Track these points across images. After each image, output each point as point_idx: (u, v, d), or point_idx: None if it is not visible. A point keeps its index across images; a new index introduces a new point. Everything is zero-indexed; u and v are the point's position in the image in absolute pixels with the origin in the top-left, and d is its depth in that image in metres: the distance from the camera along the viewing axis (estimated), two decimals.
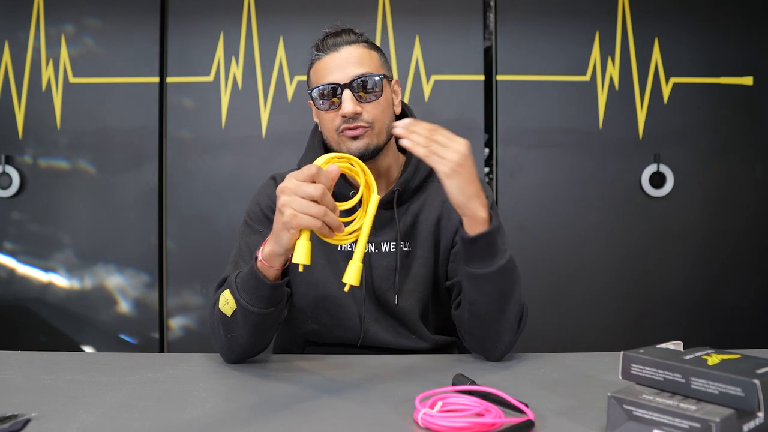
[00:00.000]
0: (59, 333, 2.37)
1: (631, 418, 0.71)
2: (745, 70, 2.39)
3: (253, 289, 1.00)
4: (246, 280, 1.01)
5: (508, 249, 1.08)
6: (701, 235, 2.41)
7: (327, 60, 1.17)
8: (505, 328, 1.08)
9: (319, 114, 1.21)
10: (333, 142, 1.20)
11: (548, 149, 2.40)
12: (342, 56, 1.17)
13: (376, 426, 0.80)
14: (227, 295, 1.03)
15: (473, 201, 1.02)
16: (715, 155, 2.40)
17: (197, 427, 0.80)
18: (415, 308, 1.21)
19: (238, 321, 1.02)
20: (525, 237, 2.37)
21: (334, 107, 1.16)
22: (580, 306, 2.39)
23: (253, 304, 1.00)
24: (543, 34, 2.40)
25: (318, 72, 1.19)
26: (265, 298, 1.00)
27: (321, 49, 1.19)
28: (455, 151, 1.00)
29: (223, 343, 1.07)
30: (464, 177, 1.00)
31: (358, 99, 1.15)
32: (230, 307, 1.02)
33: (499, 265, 1.04)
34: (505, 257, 1.05)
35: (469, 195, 1.02)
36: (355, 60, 1.16)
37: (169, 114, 2.38)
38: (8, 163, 2.35)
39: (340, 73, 1.15)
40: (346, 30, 1.21)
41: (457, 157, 0.99)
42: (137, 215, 2.37)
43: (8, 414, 0.78)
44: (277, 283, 1.00)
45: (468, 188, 1.01)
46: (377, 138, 1.18)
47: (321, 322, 1.22)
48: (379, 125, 1.18)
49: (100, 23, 2.37)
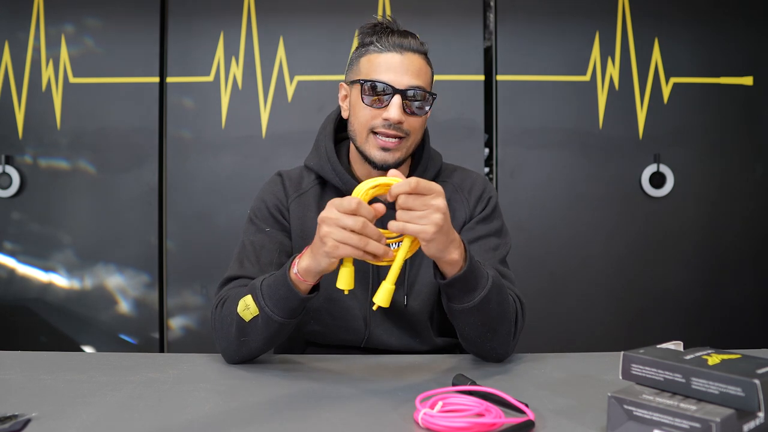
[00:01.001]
0: (59, 333, 2.37)
1: (632, 418, 0.71)
2: (745, 70, 2.39)
3: (282, 300, 0.99)
4: (275, 289, 1.00)
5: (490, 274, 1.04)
6: (701, 235, 2.41)
7: (388, 57, 1.15)
8: (498, 344, 1.09)
9: (356, 103, 1.18)
10: (359, 136, 1.18)
11: (548, 149, 2.40)
12: (405, 61, 1.15)
13: (376, 426, 0.80)
14: (248, 301, 1.01)
15: (448, 248, 0.97)
16: (715, 155, 2.40)
17: (197, 427, 0.80)
18: (424, 309, 1.21)
19: (257, 327, 1.02)
20: (525, 237, 2.37)
21: (378, 105, 1.15)
22: (580, 306, 2.39)
23: (278, 314, 1.00)
24: (543, 34, 2.40)
25: (374, 65, 1.16)
26: (293, 309, 1.00)
27: (383, 43, 1.17)
28: (431, 223, 0.91)
29: (231, 345, 1.06)
30: (443, 237, 0.94)
31: (404, 108, 1.14)
32: (250, 313, 1.01)
33: (480, 297, 1.01)
34: (486, 287, 1.01)
35: (445, 247, 0.96)
36: (415, 70, 1.15)
37: (169, 114, 2.38)
38: (8, 163, 2.35)
39: (398, 76, 1.14)
40: (412, 33, 1.20)
41: (434, 227, 0.91)
42: (137, 215, 2.37)
43: (8, 414, 0.78)
44: (308, 296, 1.00)
45: (445, 242, 0.95)
46: (407, 151, 1.18)
47: (324, 324, 1.22)
48: (413, 139, 1.18)
49: (100, 23, 2.37)
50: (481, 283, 1.01)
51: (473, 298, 1.00)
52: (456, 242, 0.97)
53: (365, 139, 1.17)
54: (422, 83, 1.16)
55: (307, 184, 1.26)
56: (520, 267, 1.08)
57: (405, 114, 1.14)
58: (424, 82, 1.17)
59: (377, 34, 1.19)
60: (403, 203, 0.91)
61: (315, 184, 1.26)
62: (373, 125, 1.15)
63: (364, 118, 1.16)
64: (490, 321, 1.04)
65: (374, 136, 1.16)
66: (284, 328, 1.03)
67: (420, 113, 1.16)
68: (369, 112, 1.16)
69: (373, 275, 1.20)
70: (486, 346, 1.08)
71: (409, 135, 1.16)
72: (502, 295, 1.05)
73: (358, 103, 1.17)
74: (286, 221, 1.23)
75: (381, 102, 1.14)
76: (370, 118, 1.16)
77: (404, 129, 1.15)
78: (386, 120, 1.14)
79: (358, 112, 1.18)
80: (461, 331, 1.07)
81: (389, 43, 1.16)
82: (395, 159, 1.16)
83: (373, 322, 1.21)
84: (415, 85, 1.15)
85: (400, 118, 1.13)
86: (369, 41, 1.19)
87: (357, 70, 1.20)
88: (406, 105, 1.14)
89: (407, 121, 1.15)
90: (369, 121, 1.16)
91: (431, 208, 0.91)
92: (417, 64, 1.16)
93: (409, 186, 0.91)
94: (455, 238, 0.97)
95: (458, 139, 2.32)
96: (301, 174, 1.28)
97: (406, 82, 1.14)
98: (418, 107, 1.15)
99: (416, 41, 1.18)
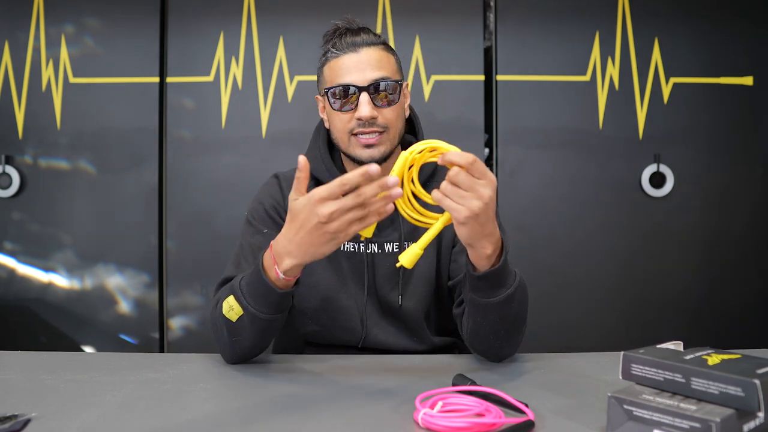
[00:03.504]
0: (59, 333, 2.37)
1: (632, 418, 0.71)
2: (745, 70, 2.39)
3: (262, 296, 0.99)
4: (254, 287, 0.99)
5: (517, 273, 1.02)
6: (701, 235, 2.40)
7: (345, 59, 1.16)
8: (508, 343, 1.08)
9: (330, 113, 1.19)
10: (342, 143, 1.19)
11: (548, 149, 2.40)
12: (361, 58, 1.15)
13: (376, 426, 0.80)
14: (231, 302, 1.01)
15: (481, 241, 0.94)
16: (715, 155, 2.40)
17: (197, 427, 0.80)
18: (419, 309, 1.21)
19: (245, 326, 1.02)
20: (525, 237, 2.37)
21: (348, 108, 1.15)
22: (579, 306, 2.39)
23: (261, 311, 1.00)
24: (543, 34, 2.40)
25: (334, 70, 1.17)
26: (275, 304, 1.00)
27: (338, 47, 1.16)
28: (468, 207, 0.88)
29: (226, 346, 1.06)
30: (477, 227, 0.91)
31: (374, 103, 1.14)
32: (236, 313, 1.01)
33: (505, 295, 1.00)
34: (513, 285, 1.00)
35: (478, 237, 0.93)
36: (374, 63, 1.15)
37: (169, 114, 2.38)
38: (8, 163, 2.35)
39: (358, 74, 1.14)
40: (365, 29, 1.19)
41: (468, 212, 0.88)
42: (137, 215, 2.37)
43: (8, 414, 0.78)
44: (288, 291, 0.99)
45: (479, 233, 0.92)
46: (390, 144, 1.18)
47: (321, 324, 1.22)
48: (392, 130, 1.17)
49: (100, 23, 2.37)
50: (509, 281, 1.00)
51: (499, 294, 1.00)
52: (492, 237, 0.95)
53: (348, 143, 1.18)
54: (385, 73, 1.16)
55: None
56: (519, 267, 1.08)
57: (377, 108, 1.14)
58: (388, 72, 1.16)
59: (333, 39, 1.19)
60: (453, 176, 0.89)
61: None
62: (350, 128, 1.16)
63: (340, 124, 1.17)
64: (509, 319, 1.04)
65: (355, 138, 1.16)
66: (273, 323, 1.02)
67: (391, 103, 1.16)
68: (342, 117, 1.16)
69: (368, 274, 1.21)
70: (495, 345, 1.08)
71: (387, 128, 1.16)
72: (524, 296, 1.05)
73: (330, 111, 1.19)
74: (283, 221, 1.23)
75: (350, 105, 1.15)
76: (346, 122, 1.16)
77: (380, 124, 1.15)
78: (359, 120, 1.14)
79: (334, 120, 1.19)
80: (476, 325, 1.06)
81: (343, 44, 1.16)
82: (381, 153, 1.17)
83: (369, 322, 1.21)
84: (378, 77, 1.14)
85: (372, 113, 1.13)
86: (326, 48, 1.19)
87: (323, 80, 1.21)
88: (375, 99, 1.14)
89: (381, 114, 1.15)
90: (345, 126, 1.16)
91: (475, 193, 0.88)
92: (375, 56, 1.16)
93: (465, 160, 0.88)
94: (492, 233, 0.94)
95: (458, 139, 2.29)
96: None
97: (369, 77, 1.14)
98: (388, 97, 1.15)
99: (369, 35, 1.18)
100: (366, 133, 1.15)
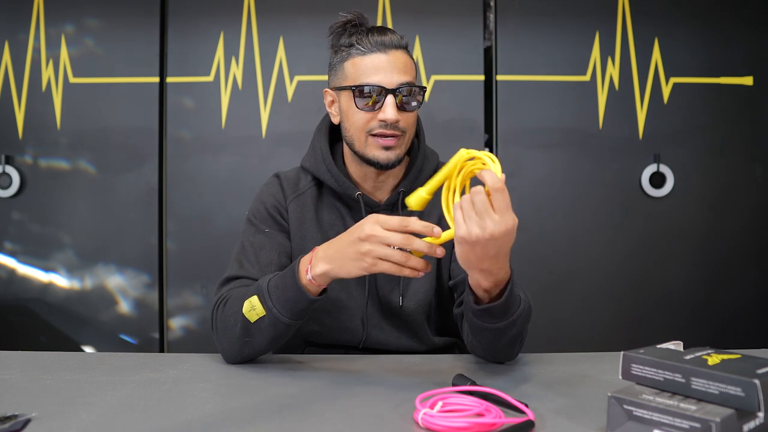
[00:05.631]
0: (59, 333, 2.37)
1: (632, 418, 0.71)
2: (745, 70, 2.39)
3: (291, 302, 0.99)
4: (283, 290, 1.00)
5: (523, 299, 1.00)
6: (701, 235, 2.40)
7: (373, 59, 1.14)
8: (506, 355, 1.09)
9: (349, 109, 1.17)
10: (358, 141, 1.17)
11: (548, 149, 2.40)
12: (390, 59, 1.14)
13: (376, 426, 0.80)
14: (254, 302, 1.01)
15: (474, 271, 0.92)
16: (715, 155, 2.40)
17: (197, 427, 0.80)
18: (419, 309, 1.21)
19: (262, 328, 1.02)
20: (524, 237, 2.37)
21: (369, 108, 1.14)
22: (579, 306, 2.39)
23: (286, 315, 1.00)
24: (543, 34, 2.40)
25: (360, 68, 1.15)
26: (302, 310, 1.01)
27: (365, 45, 1.15)
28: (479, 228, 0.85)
29: (234, 345, 1.06)
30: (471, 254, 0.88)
31: (397, 106, 1.14)
32: (256, 314, 1.01)
33: (505, 323, 0.98)
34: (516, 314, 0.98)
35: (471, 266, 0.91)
36: (401, 66, 1.15)
37: (169, 114, 2.38)
38: (8, 163, 2.35)
39: (386, 76, 1.13)
40: (390, 29, 1.18)
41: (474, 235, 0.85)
42: (137, 215, 2.37)
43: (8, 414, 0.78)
44: (318, 298, 1.00)
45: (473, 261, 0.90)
46: (405, 147, 1.18)
47: (322, 324, 1.22)
48: (409, 134, 1.18)
49: (100, 23, 2.37)
50: (511, 311, 0.98)
51: (498, 323, 0.98)
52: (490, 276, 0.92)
53: (364, 142, 1.16)
54: (410, 78, 1.16)
55: (305, 185, 1.26)
56: (519, 267, 1.08)
57: (399, 112, 1.14)
58: (412, 77, 1.17)
59: (355, 34, 1.17)
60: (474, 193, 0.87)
61: (312, 185, 1.26)
62: (370, 128, 1.15)
63: (359, 122, 1.16)
64: (508, 340, 1.03)
65: (373, 138, 1.15)
66: (290, 329, 1.03)
67: (414, 108, 1.16)
68: (364, 116, 1.15)
69: (369, 275, 1.20)
70: (492, 356, 1.09)
71: (405, 131, 1.16)
72: (526, 320, 1.03)
73: (350, 108, 1.16)
74: (285, 221, 1.23)
75: (374, 104, 1.14)
76: (366, 121, 1.15)
77: (400, 127, 1.15)
78: (383, 121, 1.13)
79: (352, 117, 1.17)
80: (474, 339, 1.05)
81: (371, 43, 1.15)
82: (397, 156, 1.17)
83: (370, 322, 1.21)
84: (405, 81, 1.14)
85: (397, 117, 1.13)
86: (348, 43, 1.17)
87: (343, 76, 1.18)
88: (399, 103, 1.14)
89: (402, 118, 1.15)
90: (365, 125, 1.15)
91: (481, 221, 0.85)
92: (402, 60, 1.16)
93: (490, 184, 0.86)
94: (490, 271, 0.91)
95: (458, 139, 2.32)
96: (298, 175, 1.28)
97: (396, 81, 1.14)
98: (410, 103, 1.16)
99: (396, 36, 1.17)
100: (387, 135, 1.14)
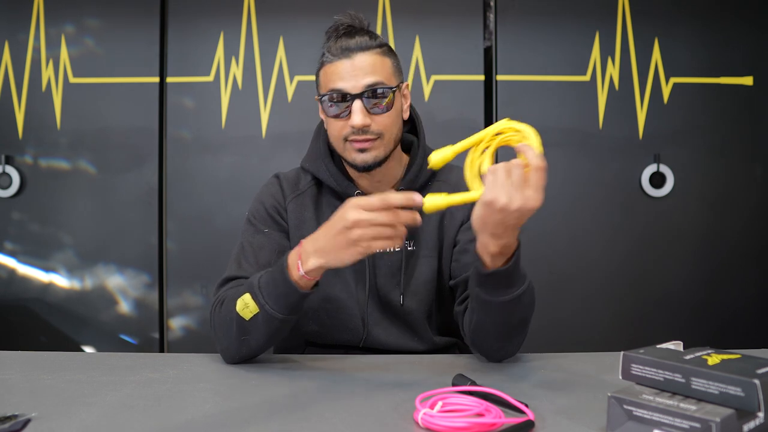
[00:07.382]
0: (59, 333, 2.37)
1: (632, 418, 0.71)
2: (745, 70, 2.39)
3: (282, 296, 0.99)
4: (274, 286, 1.00)
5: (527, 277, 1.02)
6: (701, 235, 2.40)
7: (338, 65, 1.13)
8: (510, 344, 1.08)
9: (326, 118, 1.19)
10: (338, 147, 1.19)
11: (548, 149, 2.35)
12: (355, 64, 1.12)
13: (376, 426, 0.80)
14: (247, 299, 1.01)
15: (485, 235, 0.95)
16: (715, 155, 2.40)
17: (197, 427, 0.80)
18: (420, 308, 1.21)
19: (258, 325, 1.02)
20: (524, 237, 2.34)
21: (342, 115, 1.13)
22: (579, 306, 2.39)
23: (279, 311, 1.00)
24: (543, 34, 2.40)
25: (328, 76, 1.15)
26: (294, 305, 1.00)
27: (333, 51, 1.14)
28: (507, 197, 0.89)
29: (232, 344, 1.06)
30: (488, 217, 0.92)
31: (368, 110, 1.12)
32: (250, 312, 1.01)
33: (511, 297, 1.00)
34: (521, 288, 1.00)
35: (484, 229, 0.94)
36: (367, 69, 1.12)
37: (169, 114, 2.38)
38: (8, 163, 2.35)
39: (351, 81, 1.12)
40: (360, 31, 1.16)
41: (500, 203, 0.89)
42: (137, 215, 2.37)
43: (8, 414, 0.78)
44: (310, 291, 1.00)
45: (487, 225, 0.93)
46: (385, 149, 1.16)
47: (322, 324, 1.22)
48: (387, 136, 1.16)
49: (100, 23, 2.37)
50: (517, 283, 1.00)
51: (505, 295, 0.99)
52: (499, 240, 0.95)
53: (343, 147, 1.17)
54: (379, 78, 1.13)
55: (305, 185, 1.26)
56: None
57: (370, 115, 1.12)
58: (383, 76, 1.13)
59: (328, 41, 1.16)
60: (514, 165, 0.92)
61: (312, 185, 1.26)
62: (344, 135, 1.15)
63: (334, 130, 1.16)
64: (513, 321, 1.04)
65: (350, 143, 1.15)
66: (285, 324, 1.03)
67: (385, 109, 1.13)
68: (336, 124, 1.15)
69: (370, 274, 1.20)
70: (496, 345, 1.08)
71: (382, 134, 1.14)
72: (531, 300, 1.04)
73: (326, 116, 1.18)
74: (284, 221, 1.23)
75: (344, 111, 1.13)
76: (340, 128, 1.15)
77: (374, 131, 1.13)
78: (353, 127, 1.12)
79: (329, 126, 1.18)
80: (479, 322, 1.05)
81: (336, 49, 1.14)
82: (374, 158, 1.15)
83: (370, 321, 1.21)
84: (371, 83, 1.12)
85: (364, 121, 1.11)
86: (322, 51, 1.17)
87: (318, 84, 1.19)
88: (369, 106, 1.12)
89: (375, 121, 1.13)
90: (340, 132, 1.15)
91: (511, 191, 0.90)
92: (368, 61, 1.13)
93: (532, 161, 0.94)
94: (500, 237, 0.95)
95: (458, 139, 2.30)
96: (298, 175, 1.29)
97: (361, 84, 1.12)
98: (381, 104, 1.13)
99: (363, 38, 1.14)
100: (359, 141, 1.14)
